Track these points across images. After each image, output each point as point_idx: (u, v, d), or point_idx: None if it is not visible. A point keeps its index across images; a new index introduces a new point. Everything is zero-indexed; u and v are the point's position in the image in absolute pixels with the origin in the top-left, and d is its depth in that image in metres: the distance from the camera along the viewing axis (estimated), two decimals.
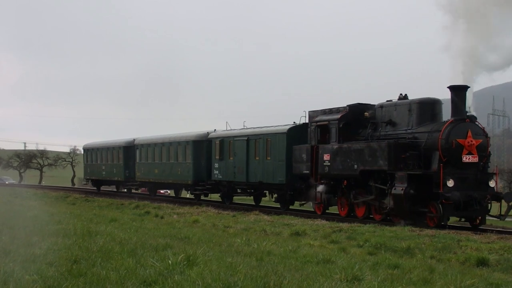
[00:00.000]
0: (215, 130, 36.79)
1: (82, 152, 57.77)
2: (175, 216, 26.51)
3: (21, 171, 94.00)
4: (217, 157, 34.69)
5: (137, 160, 44.34)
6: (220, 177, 34.58)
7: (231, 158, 33.55)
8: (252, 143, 32.02)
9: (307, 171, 27.46)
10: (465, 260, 14.61)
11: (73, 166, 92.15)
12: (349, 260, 12.57)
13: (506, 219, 47.58)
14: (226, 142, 34.25)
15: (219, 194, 36.79)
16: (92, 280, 8.52)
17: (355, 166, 24.46)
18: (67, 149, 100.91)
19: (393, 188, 22.54)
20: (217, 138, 35.22)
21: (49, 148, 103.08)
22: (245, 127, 34.69)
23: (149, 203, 33.83)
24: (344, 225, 21.74)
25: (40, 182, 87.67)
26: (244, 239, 15.46)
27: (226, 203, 34.60)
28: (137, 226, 18.51)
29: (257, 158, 31.43)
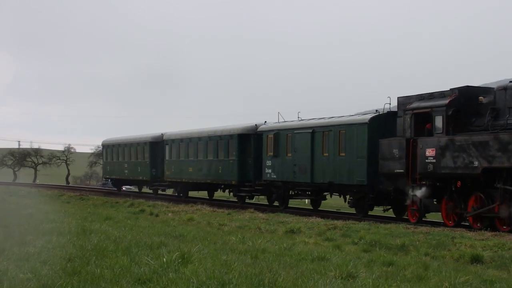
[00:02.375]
0: (265, 122, 32.07)
1: (101, 149, 51.94)
2: (170, 214, 26.50)
3: (15, 169, 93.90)
4: (270, 153, 29.99)
5: (167, 157, 39.50)
6: (274, 176, 29.77)
7: (290, 155, 28.86)
8: (319, 136, 27.11)
9: (401, 170, 22.45)
10: (459, 257, 14.65)
11: (67, 165, 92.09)
12: (344, 257, 12.58)
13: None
14: (282, 136, 29.50)
15: (272, 197, 31.46)
16: (87, 279, 8.51)
17: (475, 163, 19.88)
18: (61, 147, 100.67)
19: None
20: (270, 131, 30.45)
21: (43, 147, 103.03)
22: (299, 119, 30.32)
23: (144, 201, 33.76)
24: (339, 223, 21.78)
25: (34, 180, 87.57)
26: (239, 237, 15.47)
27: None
28: (131, 224, 18.50)
29: (326, 154, 26.64)
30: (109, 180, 50.79)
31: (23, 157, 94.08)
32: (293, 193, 30.15)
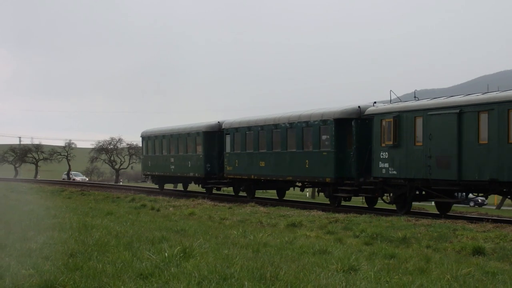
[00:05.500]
0: (374, 103, 25.62)
1: (141, 141, 45.22)
2: (171, 208, 26.50)
3: (16, 165, 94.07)
4: (388, 142, 23.76)
5: (228, 150, 33.69)
6: (394, 172, 23.48)
7: (420, 144, 22.57)
8: (472, 117, 20.79)
9: None
10: (461, 249, 14.66)
11: (68, 160, 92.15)
12: (345, 250, 12.60)
13: (502, 207, 47.48)
14: (407, 119, 23.12)
15: (389, 199, 24.63)
16: (88, 274, 8.53)
17: None
18: (62, 143, 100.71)
19: None
20: (386, 113, 24.05)
21: (44, 142, 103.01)
22: (416, 98, 24.63)
23: (145, 196, 33.81)
24: (340, 216, 21.77)
25: (35, 176, 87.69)
26: (240, 231, 15.49)
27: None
28: (133, 219, 18.52)
29: (484, 141, 20.41)
30: (149, 177, 44.27)
31: (24, 153, 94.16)
32: (419, 193, 23.81)
